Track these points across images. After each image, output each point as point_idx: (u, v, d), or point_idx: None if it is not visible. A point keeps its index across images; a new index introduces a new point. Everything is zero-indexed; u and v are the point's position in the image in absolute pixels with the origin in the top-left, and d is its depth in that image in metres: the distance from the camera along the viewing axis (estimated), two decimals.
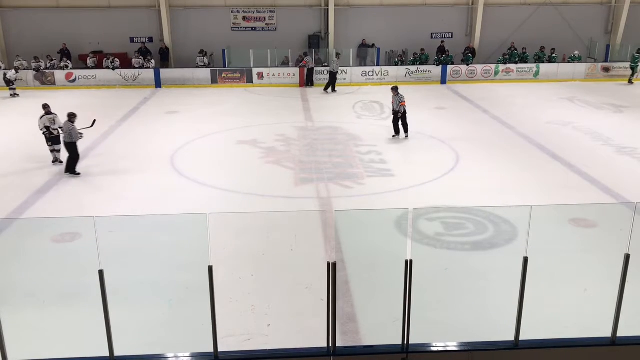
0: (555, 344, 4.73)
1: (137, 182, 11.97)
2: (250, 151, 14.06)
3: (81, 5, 24.83)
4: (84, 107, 19.64)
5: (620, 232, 4.90)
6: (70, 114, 12.09)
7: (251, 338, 6.39)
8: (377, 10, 25.80)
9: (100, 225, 4.56)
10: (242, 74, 23.57)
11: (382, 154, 13.75)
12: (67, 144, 12.09)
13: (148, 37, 25.54)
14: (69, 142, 12.04)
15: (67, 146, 12.13)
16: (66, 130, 12.04)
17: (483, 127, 16.58)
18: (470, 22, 26.30)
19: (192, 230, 4.98)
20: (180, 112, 18.78)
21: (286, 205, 10.49)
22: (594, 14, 26.55)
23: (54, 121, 12.63)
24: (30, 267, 7.95)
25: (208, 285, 4.37)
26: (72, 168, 12.19)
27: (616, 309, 4.57)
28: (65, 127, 12.07)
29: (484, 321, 6.58)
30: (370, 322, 6.78)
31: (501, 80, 24.15)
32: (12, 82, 21.37)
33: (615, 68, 24.70)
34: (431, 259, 8.22)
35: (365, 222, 7.24)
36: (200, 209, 9.41)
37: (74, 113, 12.21)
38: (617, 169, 12.64)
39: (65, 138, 12.10)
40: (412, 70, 23.92)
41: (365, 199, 10.83)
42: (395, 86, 15.21)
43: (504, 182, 11.83)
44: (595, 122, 16.94)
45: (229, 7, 25.54)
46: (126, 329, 5.13)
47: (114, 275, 4.45)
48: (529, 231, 4.41)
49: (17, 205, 10.57)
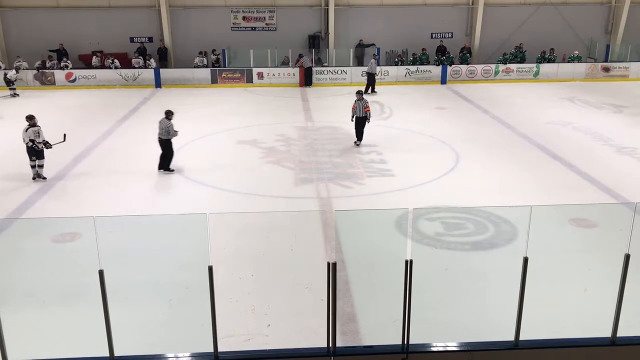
0: (555, 344, 4.73)
1: (137, 182, 11.97)
2: (250, 151, 14.05)
3: (81, 5, 24.83)
4: (84, 107, 19.71)
5: (620, 232, 4.90)
6: (168, 111, 12.34)
7: (251, 338, 6.39)
8: (377, 10, 25.80)
9: (100, 225, 4.56)
10: (242, 74, 23.57)
11: (382, 154, 13.74)
12: (163, 141, 12.24)
13: (148, 37, 25.54)
14: (165, 139, 12.20)
15: (162, 143, 12.28)
16: (163, 127, 12.18)
17: (483, 127, 16.58)
18: (470, 22, 26.30)
19: (192, 230, 4.98)
20: (180, 112, 18.71)
21: (286, 205, 10.49)
22: (594, 14, 26.55)
23: (38, 134, 11.82)
24: (30, 267, 7.95)
25: (208, 285, 4.36)
26: (167, 165, 12.36)
27: (616, 309, 4.56)
28: (163, 124, 12.21)
29: (484, 321, 6.58)
30: (370, 322, 6.78)
31: (501, 80, 24.14)
32: (12, 82, 21.37)
33: (615, 68, 24.71)
34: (431, 259, 8.22)
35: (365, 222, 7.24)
36: (200, 209, 9.41)
37: (172, 110, 12.42)
38: (617, 169, 12.64)
39: (161, 135, 12.23)
40: (412, 70, 23.91)
41: (365, 199, 10.83)
42: (360, 90, 14.72)
43: (504, 182, 11.83)
44: (595, 122, 16.94)
45: (229, 7, 25.54)
46: (126, 329, 5.12)
47: (114, 275, 4.45)
48: (529, 231, 4.41)
49: (17, 205, 10.57)
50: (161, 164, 12.39)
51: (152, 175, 12.39)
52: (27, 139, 11.78)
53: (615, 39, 26.35)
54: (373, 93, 21.84)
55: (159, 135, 12.32)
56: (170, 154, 12.41)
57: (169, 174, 12.32)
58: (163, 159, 12.38)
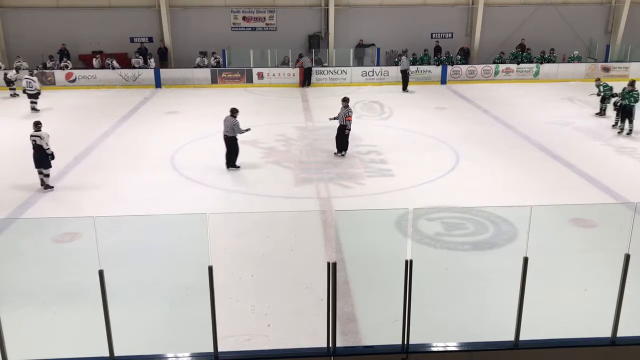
0: (555, 344, 4.72)
1: (137, 181, 11.97)
2: (250, 151, 14.05)
3: (81, 5, 24.82)
4: (84, 107, 19.71)
5: (620, 232, 4.90)
6: (233, 109, 12.52)
7: (251, 338, 6.38)
8: (377, 10, 25.79)
9: (100, 225, 4.56)
10: (242, 74, 23.56)
11: (382, 154, 13.74)
12: (229, 138, 12.37)
13: (148, 37, 25.53)
14: (231, 137, 12.34)
15: (227, 140, 12.41)
16: (229, 125, 12.31)
17: (483, 127, 16.57)
18: (470, 22, 26.30)
19: (192, 230, 4.98)
20: (180, 112, 18.78)
21: (286, 205, 10.49)
22: (594, 14, 26.55)
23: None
24: (31, 267, 7.96)
25: (208, 286, 4.36)
26: (233, 162, 12.52)
27: (616, 309, 4.56)
28: (228, 121, 12.35)
29: (484, 321, 6.58)
30: (370, 322, 6.77)
31: (501, 80, 24.14)
32: (13, 82, 21.37)
33: (615, 68, 24.71)
34: (431, 259, 8.22)
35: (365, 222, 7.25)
36: (200, 209, 9.41)
37: (237, 108, 12.62)
38: (617, 169, 12.65)
39: (227, 132, 12.35)
40: (412, 70, 23.90)
41: (365, 199, 10.82)
42: (346, 97, 13.92)
43: (504, 182, 11.83)
44: (595, 122, 16.94)
45: (229, 7, 25.53)
46: (126, 329, 5.12)
47: (114, 275, 4.45)
48: (529, 231, 4.41)
49: (17, 205, 10.56)
50: (228, 161, 12.53)
51: (152, 175, 12.39)
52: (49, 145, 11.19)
53: (615, 39, 26.35)
54: (405, 91, 22.15)
55: (225, 133, 12.44)
56: (236, 151, 12.54)
57: (236, 170, 12.48)
58: (229, 157, 12.53)
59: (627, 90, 15.49)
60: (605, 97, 17.37)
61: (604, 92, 17.39)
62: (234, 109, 12.60)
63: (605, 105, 17.51)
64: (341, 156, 13.43)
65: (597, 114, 17.76)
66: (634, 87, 15.52)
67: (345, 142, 13.45)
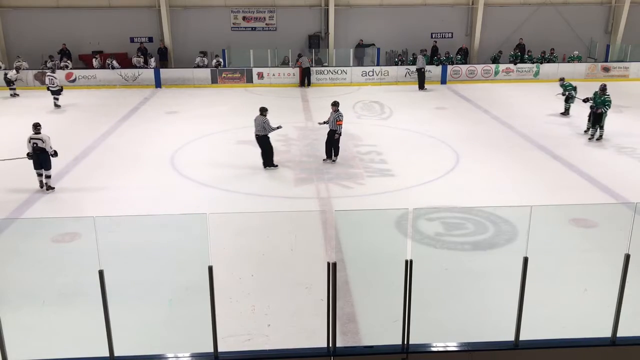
0: (555, 344, 4.72)
1: (137, 182, 11.97)
2: (250, 151, 14.04)
3: (81, 5, 24.83)
4: (84, 107, 19.71)
5: (620, 232, 4.90)
6: (262, 108, 12.45)
7: (251, 338, 6.38)
8: (377, 10, 25.80)
9: (100, 225, 4.56)
10: (242, 74, 23.56)
11: (382, 154, 13.74)
12: (260, 137, 12.33)
13: (148, 37, 25.54)
14: (262, 135, 12.30)
15: (259, 140, 12.38)
16: (259, 123, 12.27)
17: (483, 127, 16.57)
18: (470, 22, 26.30)
19: (192, 230, 4.98)
20: (180, 112, 18.78)
21: (286, 205, 10.49)
22: (594, 14, 26.55)
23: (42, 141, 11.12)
24: (31, 267, 7.95)
25: (208, 285, 4.36)
26: (270, 161, 12.51)
27: (616, 309, 4.56)
28: (258, 120, 12.33)
29: (484, 321, 6.58)
30: (370, 322, 6.77)
31: (501, 80, 24.14)
32: (13, 82, 21.36)
33: (615, 68, 24.70)
34: (431, 259, 8.22)
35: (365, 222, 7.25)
36: (200, 209, 9.42)
37: (266, 107, 12.54)
38: (617, 169, 12.64)
39: (258, 132, 12.32)
40: (412, 70, 23.90)
41: (365, 199, 10.82)
42: (336, 102, 13.10)
43: (504, 182, 11.83)
44: None
45: (229, 7, 25.54)
46: (126, 329, 5.12)
47: (114, 275, 4.45)
48: (529, 231, 4.41)
49: (17, 205, 10.56)
50: (265, 161, 12.51)
51: (152, 175, 12.39)
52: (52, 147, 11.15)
53: (615, 39, 26.34)
54: (422, 89, 22.31)
55: (256, 132, 12.40)
56: (270, 150, 12.50)
57: (274, 169, 12.48)
58: (265, 156, 12.49)
59: (598, 95, 14.99)
60: (569, 96, 17.61)
61: (568, 92, 17.61)
62: (263, 107, 12.54)
63: (569, 104, 17.72)
64: (331, 162, 12.96)
65: (562, 113, 17.93)
66: (605, 92, 14.96)
67: (336, 147, 13.03)
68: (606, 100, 14.78)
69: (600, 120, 14.73)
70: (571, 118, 17.52)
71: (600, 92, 14.99)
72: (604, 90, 15.01)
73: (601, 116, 14.69)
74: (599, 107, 14.68)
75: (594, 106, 14.84)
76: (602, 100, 14.73)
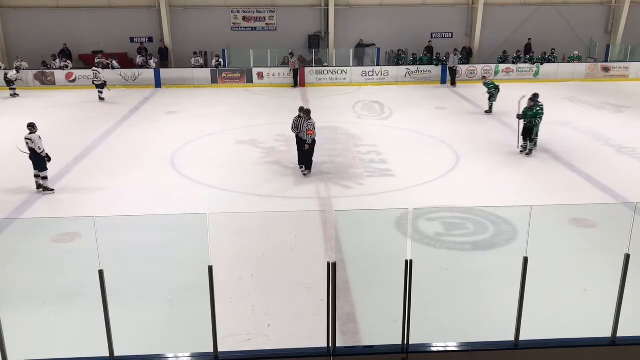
0: (555, 344, 4.72)
1: (137, 181, 11.97)
2: (250, 151, 14.05)
3: (81, 5, 24.83)
4: (84, 107, 19.71)
5: (620, 232, 4.90)
6: (305, 110, 12.07)
7: (251, 338, 6.38)
8: (377, 10, 25.80)
9: (100, 225, 4.56)
10: (242, 74, 23.56)
11: (382, 154, 13.74)
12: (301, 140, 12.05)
13: (148, 37, 25.54)
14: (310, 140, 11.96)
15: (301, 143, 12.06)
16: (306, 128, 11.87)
17: (483, 127, 16.57)
18: (470, 22, 26.30)
19: (192, 230, 4.98)
20: (180, 112, 18.78)
21: (286, 205, 10.49)
22: (594, 14, 26.55)
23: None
24: (30, 267, 7.95)
25: (208, 286, 4.36)
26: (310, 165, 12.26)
27: (616, 309, 4.56)
28: (306, 123, 11.89)
29: (484, 321, 6.58)
30: (370, 322, 6.77)
31: (501, 80, 24.08)
32: (13, 82, 21.37)
33: (615, 68, 24.71)
34: (431, 259, 8.22)
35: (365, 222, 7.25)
36: (200, 209, 9.41)
37: (309, 109, 12.16)
38: (617, 169, 12.64)
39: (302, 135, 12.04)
40: (412, 70, 23.91)
41: (365, 199, 10.82)
42: (306, 109, 12.23)
43: (504, 182, 11.83)
44: (595, 122, 16.94)
45: (229, 7, 25.54)
46: (126, 329, 5.12)
47: (114, 275, 4.45)
48: (529, 231, 4.41)
49: (17, 205, 10.56)
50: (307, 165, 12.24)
51: (152, 175, 12.39)
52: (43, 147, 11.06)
53: (615, 39, 26.35)
54: (454, 86, 22.91)
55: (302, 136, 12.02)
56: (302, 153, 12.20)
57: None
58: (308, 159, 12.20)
59: (527, 107, 13.41)
60: (492, 95, 17.97)
61: (491, 91, 17.97)
62: (307, 110, 12.11)
63: (492, 102, 18.05)
64: (303, 175, 12.13)
65: (487, 111, 18.21)
66: (536, 102, 13.41)
67: (309, 159, 12.20)
68: (538, 112, 13.32)
69: (531, 134, 13.38)
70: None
71: (530, 103, 13.38)
72: (535, 101, 13.42)
73: (532, 130, 13.35)
74: (529, 119, 13.29)
75: (522, 118, 13.42)
76: (533, 114, 13.30)
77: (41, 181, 11.20)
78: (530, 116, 13.30)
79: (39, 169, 11.13)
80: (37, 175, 11.19)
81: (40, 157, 11.04)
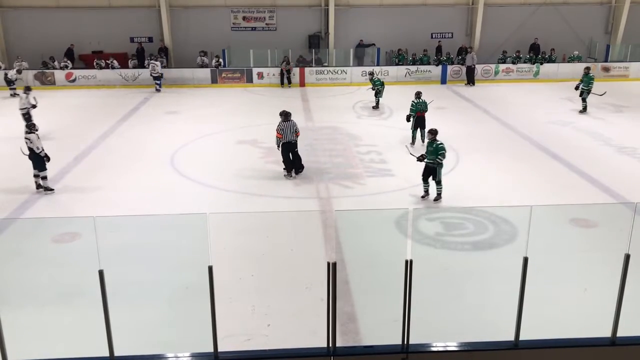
0: (555, 344, 4.72)
1: (137, 182, 11.97)
2: (250, 151, 14.05)
3: (81, 5, 24.83)
4: (84, 107, 19.71)
5: (620, 232, 4.90)
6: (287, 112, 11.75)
7: (251, 338, 6.39)
8: (377, 10, 25.79)
9: (100, 225, 4.56)
10: (242, 74, 23.56)
11: (382, 154, 13.74)
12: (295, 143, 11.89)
13: (148, 37, 25.54)
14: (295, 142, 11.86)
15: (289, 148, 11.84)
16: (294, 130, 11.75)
17: (483, 127, 16.57)
18: (470, 22, 26.29)
19: (192, 230, 4.98)
20: (180, 112, 18.78)
21: (286, 205, 10.49)
22: (594, 14, 26.55)
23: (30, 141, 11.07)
24: (31, 267, 7.96)
25: (208, 285, 4.36)
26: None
27: (616, 309, 4.56)
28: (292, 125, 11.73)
29: (484, 321, 6.58)
30: (370, 322, 6.77)
31: (501, 80, 24.14)
32: (13, 82, 21.37)
33: (615, 68, 24.70)
34: (431, 259, 8.22)
35: (365, 222, 7.25)
36: (200, 209, 9.42)
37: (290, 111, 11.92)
38: (617, 169, 12.64)
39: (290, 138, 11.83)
40: (412, 70, 23.90)
41: (365, 199, 10.82)
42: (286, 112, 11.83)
43: (504, 182, 11.83)
44: (595, 122, 16.95)
45: (229, 7, 25.54)
46: (126, 329, 5.12)
47: (114, 275, 4.45)
48: (529, 231, 4.41)
49: (17, 205, 10.56)
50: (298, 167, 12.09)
51: (152, 175, 12.39)
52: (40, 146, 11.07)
53: (615, 39, 26.34)
54: (469, 85, 23.14)
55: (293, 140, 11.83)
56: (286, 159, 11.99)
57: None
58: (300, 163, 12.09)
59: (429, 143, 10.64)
60: (379, 91, 18.58)
61: (377, 88, 18.60)
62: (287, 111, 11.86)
63: (378, 99, 18.77)
64: (290, 177, 11.92)
65: (374, 107, 18.82)
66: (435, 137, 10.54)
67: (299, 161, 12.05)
68: (439, 147, 10.32)
69: (435, 175, 10.45)
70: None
71: (431, 137, 10.57)
72: (434, 134, 10.55)
73: (435, 170, 10.41)
74: (430, 158, 10.42)
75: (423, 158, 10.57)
76: (434, 149, 10.39)
77: (41, 181, 11.20)
78: (430, 152, 10.42)
79: (38, 168, 11.13)
80: (37, 175, 11.20)
81: (39, 157, 11.06)
